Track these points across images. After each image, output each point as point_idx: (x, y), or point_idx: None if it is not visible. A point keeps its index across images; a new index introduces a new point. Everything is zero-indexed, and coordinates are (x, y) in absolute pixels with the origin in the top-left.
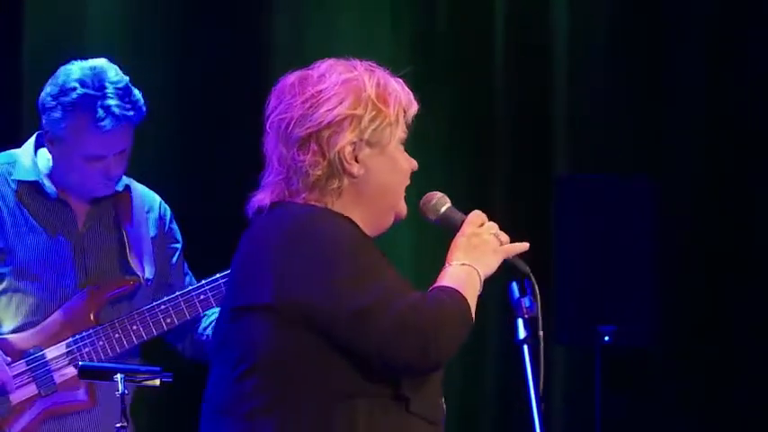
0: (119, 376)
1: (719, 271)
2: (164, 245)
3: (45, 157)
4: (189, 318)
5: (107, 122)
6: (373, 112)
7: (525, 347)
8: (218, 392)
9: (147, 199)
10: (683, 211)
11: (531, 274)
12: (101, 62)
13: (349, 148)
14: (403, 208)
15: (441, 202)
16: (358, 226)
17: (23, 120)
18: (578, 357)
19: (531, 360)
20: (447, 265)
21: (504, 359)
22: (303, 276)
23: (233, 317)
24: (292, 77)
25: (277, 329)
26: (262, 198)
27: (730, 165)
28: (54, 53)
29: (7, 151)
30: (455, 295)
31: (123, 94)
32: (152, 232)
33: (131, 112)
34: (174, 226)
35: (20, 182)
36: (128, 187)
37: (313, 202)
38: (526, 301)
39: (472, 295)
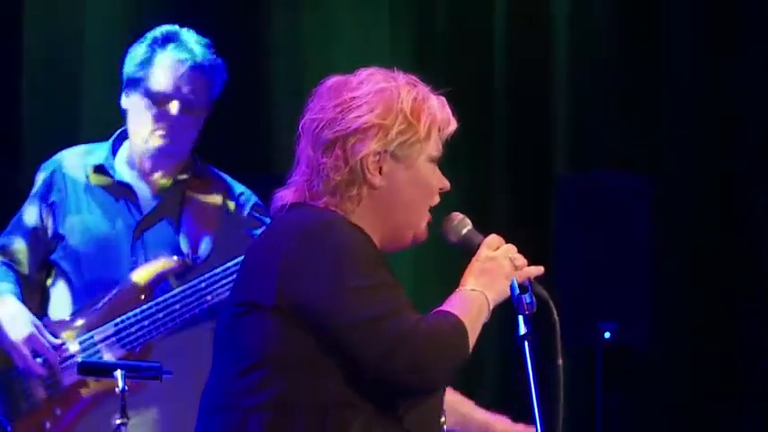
0: (119, 373)
1: (718, 270)
2: (235, 228)
3: (124, 148)
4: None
5: (183, 53)
6: (403, 126)
7: (526, 344)
8: (216, 390)
9: (233, 190)
10: (682, 210)
11: (549, 300)
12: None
13: (373, 158)
14: (423, 230)
15: (462, 224)
16: (371, 238)
17: (23, 119)
18: (578, 356)
19: (531, 356)
20: (459, 288)
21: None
22: (310, 281)
23: (238, 312)
24: (332, 81)
25: (278, 330)
26: (284, 196)
27: (728, 164)
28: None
29: (95, 143)
30: (455, 323)
31: (207, 45)
32: (221, 214)
33: (210, 58)
34: (256, 215)
35: (92, 166)
36: (208, 174)
37: (333, 208)
38: (527, 298)
39: (475, 323)
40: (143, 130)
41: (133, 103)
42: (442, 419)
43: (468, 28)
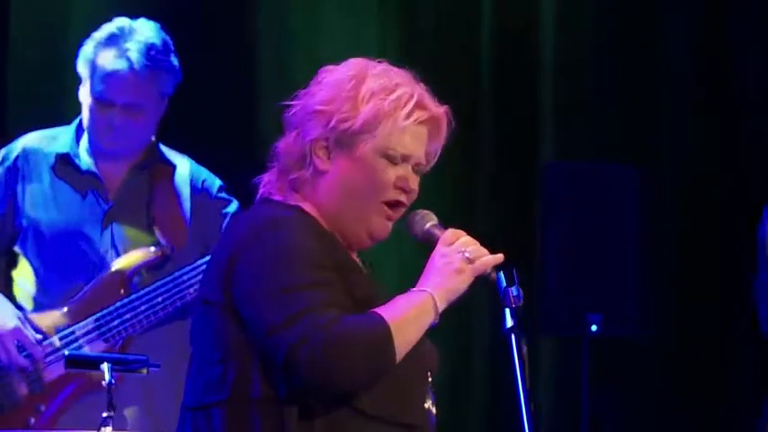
0: (105, 365)
1: (707, 259)
2: (206, 213)
3: (86, 132)
4: None
5: (120, 63)
6: (345, 114)
7: (512, 337)
8: (188, 386)
9: (196, 175)
10: (669, 199)
11: (508, 289)
12: (148, 22)
13: (321, 143)
14: (379, 226)
15: (425, 220)
16: (321, 230)
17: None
18: (565, 346)
19: (518, 349)
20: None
21: (491, 348)
22: (244, 281)
23: (201, 307)
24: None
25: (229, 326)
26: (259, 185)
27: (717, 154)
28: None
29: (56, 127)
30: (377, 327)
31: (151, 47)
32: (189, 202)
33: (149, 63)
34: (223, 195)
35: (56, 155)
36: (167, 161)
37: (292, 201)
38: (513, 291)
39: (412, 325)
40: (93, 126)
41: (84, 98)
42: (427, 404)
43: (454, 21)
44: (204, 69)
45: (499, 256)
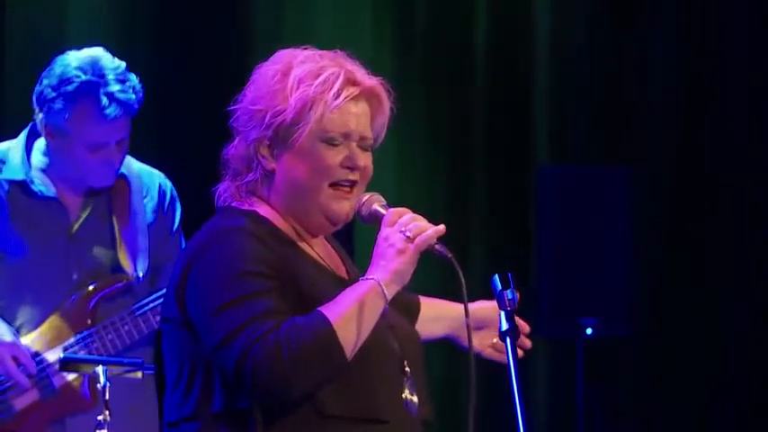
0: (100, 368)
1: (700, 261)
2: (160, 230)
3: (40, 151)
4: None
5: (111, 109)
6: (277, 108)
7: (508, 340)
8: (164, 405)
9: (146, 182)
10: (662, 202)
11: (453, 260)
12: (96, 50)
13: (264, 142)
14: (337, 209)
15: (370, 201)
16: (270, 233)
17: (5, 110)
18: (559, 346)
19: (513, 351)
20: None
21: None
22: (192, 300)
23: (162, 327)
24: None
25: (189, 342)
26: (217, 194)
27: (708, 157)
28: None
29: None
30: (319, 326)
31: (124, 78)
32: (149, 218)
33: (133, 96)
34: (175, 206)
35: (9, 181)
36: (123, 177)
37: (246, 206)
38: (508, 294)
39: (360, 317)
40: (76, 168)
41: (63, 146)
42: (405, 395)
43: (449, 21)
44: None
45: (440, 228)
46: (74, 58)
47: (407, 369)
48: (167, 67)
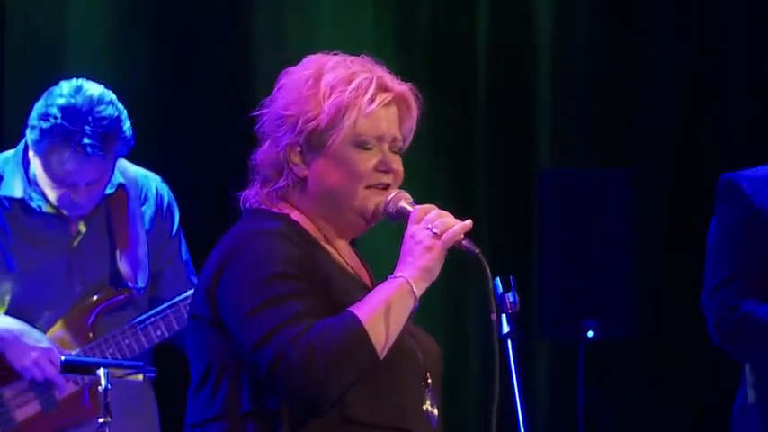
0: (101, 371)
1: (700, 262)
2: (159, 236)
3: (39, 164)
4: (178, 328)
5: (79, 158)
6: (310, 114)
7: (509, 343)
8: (187, 404)
9: (144, 189)
10: (663, 205)
11: (481, 256)
12: (93, 91)
13: (295, 148)
14: (372, 209)
15: (396, 199)
16: (303, 239)
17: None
18: (561, 347)
19: (514, 355)
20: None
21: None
22: (226, 298)
23: (192, 323)
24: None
25: (219, 341)
26: (244, 198)
27: (708, 157)
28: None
29: None
30: (349, 328)
31: (104, 133)
32: (147, 226)
33: (103, 153)
34: (173, 211)
35: (9, 199)
36: (121, 186)
37: (276, 209)
38: (510, 296)
39: (389, 316)
40: (49, 191)
41: (41, 167)
42: (425, 406)
43: (450, 24)
44: (197, 70)
45: (467, 223)
46: (63, 97)
47: (429, 380)
48: (167, 67)
